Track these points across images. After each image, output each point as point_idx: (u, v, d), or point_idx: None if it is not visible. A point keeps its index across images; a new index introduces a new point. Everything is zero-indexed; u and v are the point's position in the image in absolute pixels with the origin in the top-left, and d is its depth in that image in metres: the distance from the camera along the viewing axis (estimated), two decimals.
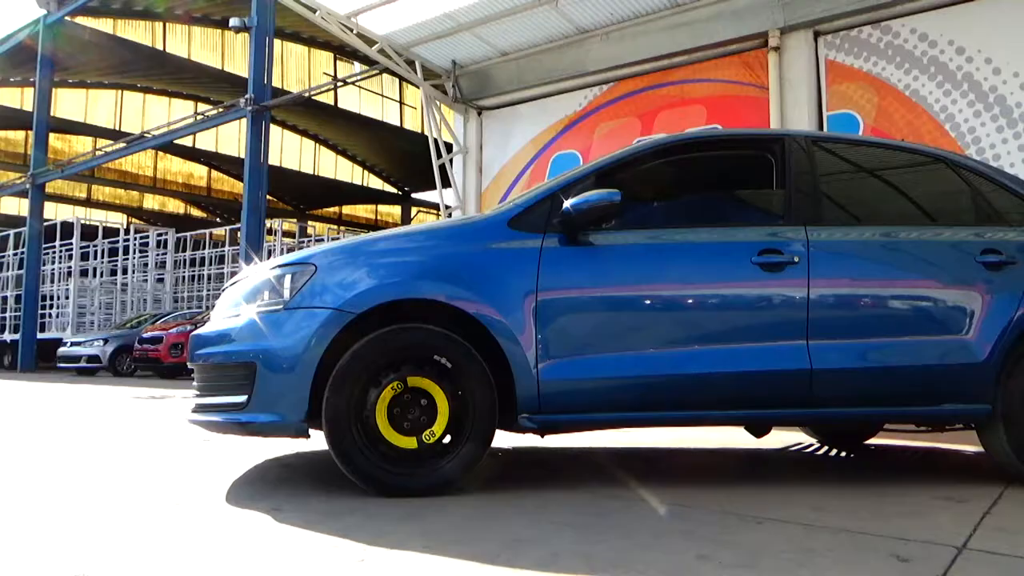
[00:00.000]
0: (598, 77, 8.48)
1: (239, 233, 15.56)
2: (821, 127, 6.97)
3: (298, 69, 26.08)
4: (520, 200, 3.12)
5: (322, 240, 21.25)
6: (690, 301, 2.98)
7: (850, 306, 3.07)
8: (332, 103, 25.16)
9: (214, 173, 30.62)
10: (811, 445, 4.40)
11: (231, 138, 26.90)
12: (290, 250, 17.98)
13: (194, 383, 3.05)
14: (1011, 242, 3.22)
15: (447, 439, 2.75)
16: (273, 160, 21.73)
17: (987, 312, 3.09)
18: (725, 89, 7.58)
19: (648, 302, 2.95)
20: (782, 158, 3.25)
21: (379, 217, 34.75)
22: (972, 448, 4.03)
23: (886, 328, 3.06)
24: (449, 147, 9.71)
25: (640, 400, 2.90)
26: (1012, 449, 3.04)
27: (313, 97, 21.12)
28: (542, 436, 3.06)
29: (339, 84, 22.23)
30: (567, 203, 2.90)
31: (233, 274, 16.08)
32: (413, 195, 32.51)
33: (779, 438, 4.60)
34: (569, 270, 2.90)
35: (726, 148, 3.49)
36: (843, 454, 4.10)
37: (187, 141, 25.02)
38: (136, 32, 23.03)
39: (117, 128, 25.69)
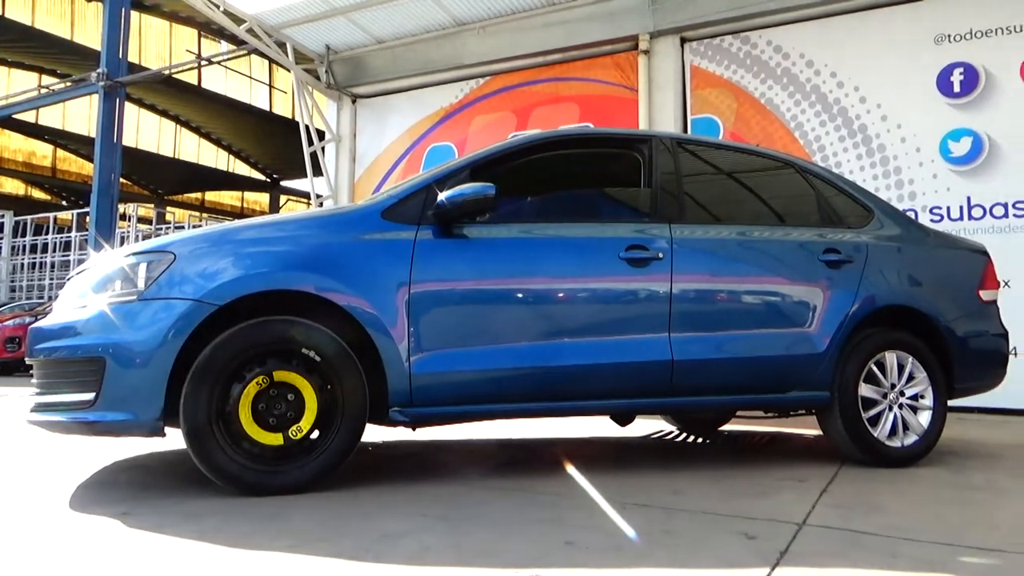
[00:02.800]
0: (475, 70, 8.50)
1: (87, 218, 14.44)
2: (686, 130, 7.31)
3: (158, 45, 24.50)
4: (394, 191, 3.08)
5: (182, 227, 20.08)
6: (561, 295, 3.05)
7: (708, 301, 3.24)
8: (196, 83, 23.82)
9: (60, 152, 28.22)
10: (671, 432, 4.63)
11: (80, 115, 24.90)
12: (146, 237, 16.92)
13: (33, 380, 2.80)
14: (848, 243, 3.53)
15: (315, 434, 2.69)
16: (128, 141, 20.28)
17: (827, 307, 3.37)
18: (597, 89, 7.80)
19: (520, 295, 2.99)
20: (649, 158, 3.39)
21: (246, 205, 33.27)
22: (812, 432, 4.38)
23: (740, 321, 3.26)
24: (321, 134, 9.43)
25: (512, 392, 2.94)
26: (846, 431, 3.34)
27: (174, 76, 19.89)
28: (414, 429, 3.05)
29: (203, 63, 21.05)
30: (442, 196, 2.89)
31: (80, 262, 14.91)
32: (282, 183, 31.36)
33: (642, 426, 4.80)
34: (443, 263, 2.90)
35: (597, 146, 3.59)
36: (700, 440, 4.35)
37: (29, 116, 22.93)
38: None
39: None
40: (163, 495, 2.64)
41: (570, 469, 3.33)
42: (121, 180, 13.85)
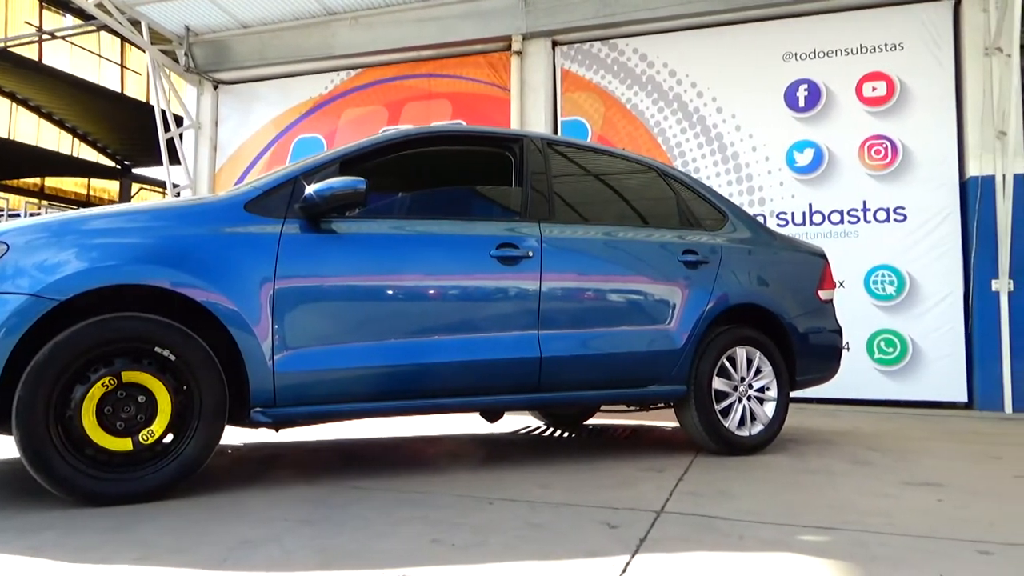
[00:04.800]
0: (345, 62, 8.29)
1: None
2: (556, 131, 7.47)
3: None
4: (259, 183, 2.96)
5: (18, 215, 18.35)
6: (431, 292, 3.04)
7: (575, 299, 3.34)
8: (36, 58, 21.82)
9: None
10: (539, 428, 4.73)
11: None
12: None
13: None
14: (705, 244, 3.73)
15: (169, 438, 2.53)
16: None
17: (685, 305, 3.55)
18: (470, 87, 7.83)
19: (389, 292, 2.96)
20: (521, 157, 3.44)
21: (93, 192, 30.83)
22: (670, 424, 4.61)
23: (605, 319, 3.38)
24: (179, 120, 8.89)
25: (380, 390, 2.90)
26: (700, 423, 3.54)
27: (10, 49, 18.15)
28: (277, 431, 2.94)
29: (44, 37, 19.32)
30: (310, 189, 2.81)
31: None
32: (134, 170, 29.32)
33: (511, 422, 4.88)
34: (310, 258, 2.81)
35: (470, 144, 3.60)
36: (566, 435, 4.46)
37: None
38: None
39: None
40: None
41: (438, 466, 3.34)
42: None
